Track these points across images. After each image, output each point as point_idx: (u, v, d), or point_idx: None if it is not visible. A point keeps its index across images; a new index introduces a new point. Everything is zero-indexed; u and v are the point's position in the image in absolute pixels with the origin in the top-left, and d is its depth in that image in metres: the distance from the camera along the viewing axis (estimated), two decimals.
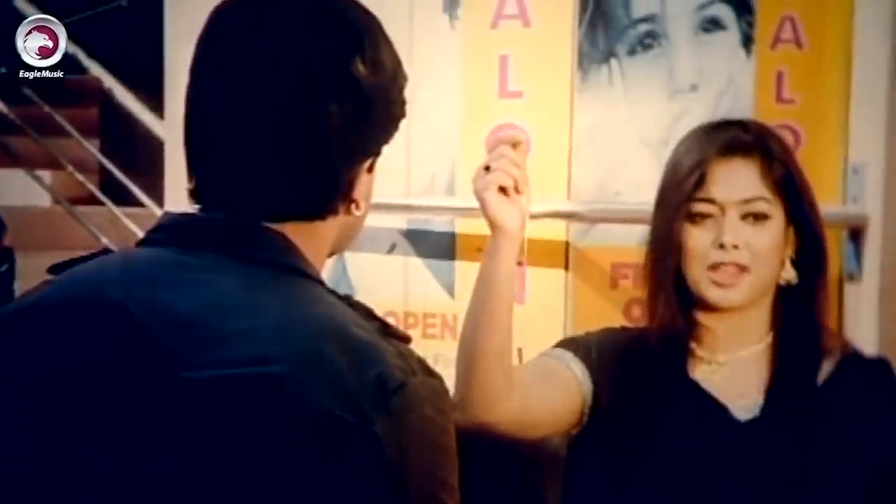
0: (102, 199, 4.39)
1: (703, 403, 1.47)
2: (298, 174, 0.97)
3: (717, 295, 1.44)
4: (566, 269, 1.86)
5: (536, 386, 1.45)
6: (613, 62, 1.85)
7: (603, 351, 1.52)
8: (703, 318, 1.49)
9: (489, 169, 1.37)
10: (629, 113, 1.84)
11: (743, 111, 1.78)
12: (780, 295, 1.49)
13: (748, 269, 1.44)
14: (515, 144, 1.39)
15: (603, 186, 1.86)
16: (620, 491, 1.48)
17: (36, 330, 0.95)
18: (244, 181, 0.97)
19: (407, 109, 1.04)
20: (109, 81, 4.49)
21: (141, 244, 1.01)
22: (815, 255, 1.49)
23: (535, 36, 1.86)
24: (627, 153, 1.85)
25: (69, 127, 4.48)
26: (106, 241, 3.98)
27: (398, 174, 1.87)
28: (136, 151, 4.35)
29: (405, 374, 0.91)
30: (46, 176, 4.60)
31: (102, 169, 4.62)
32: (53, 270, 1.01)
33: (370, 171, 1.02)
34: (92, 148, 4.60)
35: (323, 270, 1.02)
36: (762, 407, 1.46)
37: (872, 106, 1.76)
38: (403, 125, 1.05)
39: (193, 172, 1.00)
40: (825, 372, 1.48)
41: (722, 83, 1.82)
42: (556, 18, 1.85)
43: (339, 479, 0.87)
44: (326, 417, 0.87)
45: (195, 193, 1.01)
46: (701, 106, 1.81)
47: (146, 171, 3.88)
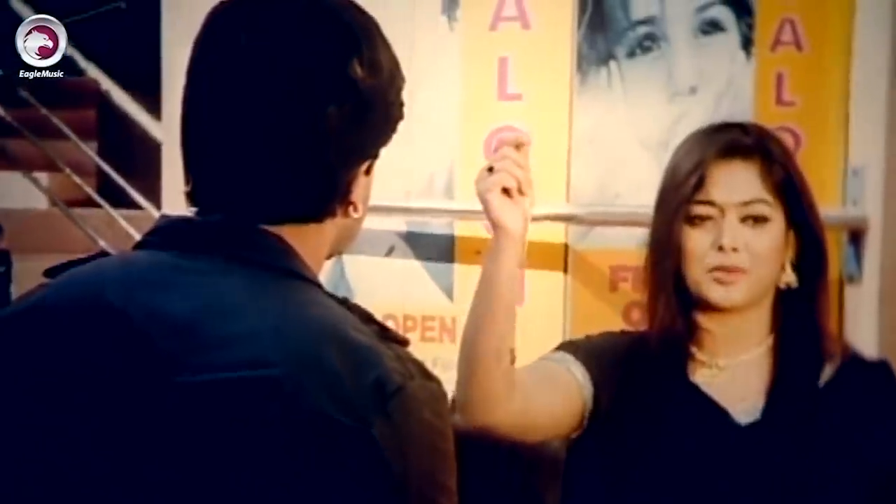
0: (100, 201, 4.39)
1: (703, 407, 1.47)
2: (296, 176, 0.96)
3: (717, 294, 1.44)
4: (565, 271, 1.86)
5: (537, 389, 1.45)
6: (613, 64, 1.84)
7: (603, 354, 1.51)
8: (703, 320, 1.49)
9: (492, 170, 1.37)
10: (628, 115, 1.84)
11: (743, 113, 1.78)
12: (780, 298, 1.49)
13: (747, 271, 1.44)
14: (519, 146, 1.38)
15: (602, 189, 1.85)
16: (620, 494, 1.47)
17: (34, 332, 0.95)
18: (241, 184, 0.97)
19: (405, 111, 1.03)
20: (107, 83, 4.49)
21: (138, 247, 1.01)
22: (815, 258, 1.48)
23: (534, 38, 1.86)
24: (627, 155, 1.84)
25: (66, 129, 4.47)
26: (103, 243, 3.97)
27: (397, 176, 1.86)
28: (133, 154, 4.35)
29: (403, 377, 0.91)
30: (43, 178, 4.60)
31: (100, 171, 4.61)
32: (50, 273, 1.00)
33: (368, 173, 1.02)
34: (89, 150, 4.60)
35: (321, 273, 1.02)
36: (763, 410, 1.46)
37: (872, 108, 1.76)
38: (402, 127, 1.04)
39: (190, 175, 1.00)
40: (826, 375, 1.48)
41: (721, 85, 1.82)
42: (555, 20, 1.85)
43: (336, 482, 0.87)
44: (324, 421, 0.87)
45: (192, 196, 1.00)
46: (700, 108, 1.81)
47: (143, 173, 3.88)
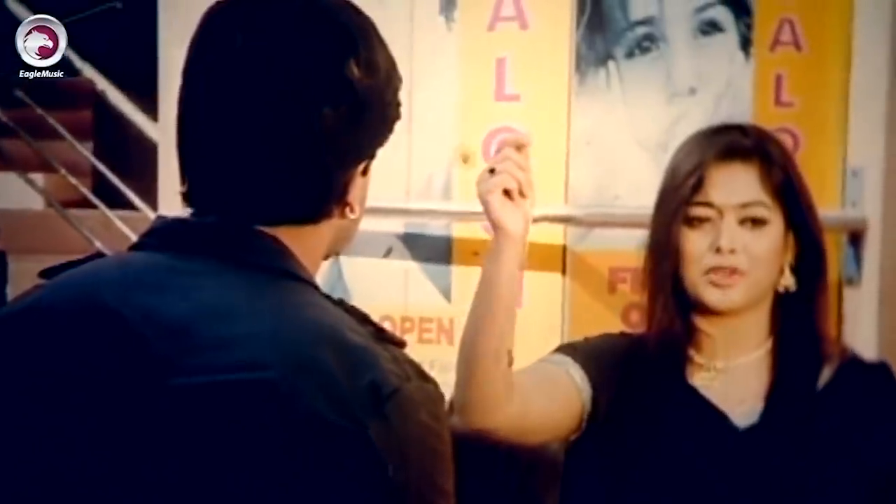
0: (96, 202, 4.37)
1: (701, 410, 1.47)
2: (292, 177, 0.96)
3: (714, 297, 1.44)
4: (563, 273, 1.86)
5: (535, 391, 1.44)
6: (611, 65, 1.84)
7: (602, 356, 1.51)
8: (701, 323, 1.48)
9: (493, 171, 1.36)
10: (627, 116, 1.84)
11: (742, 114, 1.77)
12: (778, 301, 1.49)
13: (745, 273, 1.43)
14: (520, 147, 1.38)
15: (601, 190, 1.85)
16: (619, 497, 1.47)
17: (30, 334, 0.94)
18: (237, 185, 0.97)
19: (403, 112, 1.03)
20: (103, 84, 4.48)
21: (134, 248, 1.01)
22: (814, 261, 1.48)
23: (532, 38, 1.85)
24: (625, 157, 1.84)
25: (62, 130, 4.46)
26: (99, 244, 3.96)
27: (394, 178, 1.86)
28: (129, 154, 4.34)
29: (400, 379, 0.91)
30: (39, 179, 4.59)
31: (95, 172, 4.60)
32: (46, 275, 1.00)
33: (365, 173, 1.02)
34: (85, 151, 4.59)
35: (318, 274, 1.02)
36: (761, 414, 1.45)
37: (872, 108, 1.76)
38: (400, 128, 1.04)
39: (186, 176, 1.00)
40: (824, 378, 1.48)
41: (720, 86, 1.81)
42: (553, 21, 1.84)
43: (333, 485, 0.87)
44: (320, 423, 0.87)
45: (188, 197, 1.00)
46: (699, 109, 1.81)
47: (140, 174, 3.87)
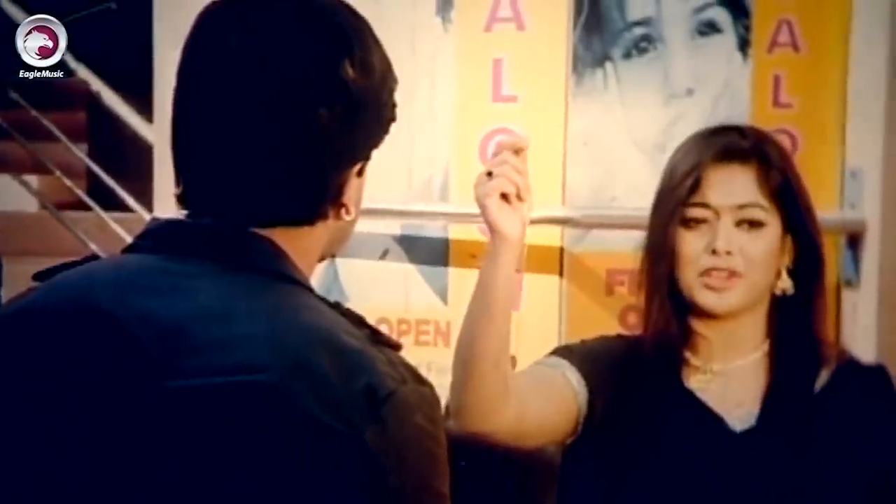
0: (90, 204, 4.36)
1: (698, 413, 1.46)
2: (287, 179, 0.96)
3: (709, 300, 1.43)
4: (561, 275, 1.85)
5: (532, 395, 1.44)
6: (608, 66, 1.83)
7: (599, 359, 1.51)
8: (697, 325, 1.48)
9: (491, 175, 1.36)
10: (624, 117, 1.83)
11: (740, 115, 1.77)
12: (775, 304, 1.48)
13: (741, 275, 1.43)
14: (518, 150, 1.37)
15: (598, 191, 1.84)
16: (615, 500, 1.47)
17: (23, 335, 0.94)
18: (232, 186, 0.96)
19: (399, 113, 1.03)
20: (97, 85, 4.46)
21: (128, 250, 1.00)
22: (812, 264, 1.48)
23: (529, 39, 1.84)
24: (623, 158, 1.83)
25: (56, 131, 4.45)
26: (94, 246, 3.94)
27: (391, 179, 1.85)
28: (124, 156, 4.32)
29: (395, 382, 0.91)
30: (33, 181, 4.57)
31: (90, 173, 4.59)
32: (39, 277, 1.00)
33: (360, 175, 1.02)
34: (80, 152, 4.57)
35: (314, 276, 1.02)
36: (758, 417, 1.45)
37: (870, 109, 1.76)
38: (397, 129, 1.04)
39: (181, 177, 1.00)
40: (822, 380, 1.48)
41: (718, 87, 1.81)
42: (550, 21, 1.84)
43: (328, 488, 0.87)
44: (316, 426, 0.87)
45: (182, 198, 1.00)
46: (697, 110, 1.80)
47: (135, 175, 3.86)
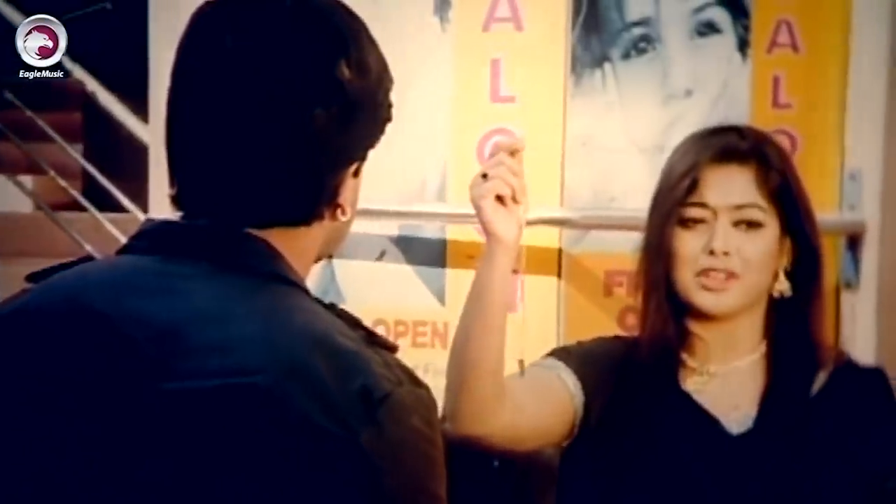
0: (85, 204, 4.34)
1: (694, 416, 1.46)
2: (282, 179, 0.96)
3: (706, 301, 1.43)
4: (559, 276, 1.85)
5: (527, 398, 1.44)
6: (607, 66, 1.83)
7: (595, 361, 1.51)
8: (694, 327, 1.48)
9: (486, 177, 1.36)
10: (623, 118, 1.83)
11: (739, 116, 1.76)
12: (773, 305, 1.48)
13: (738, 276, 1.43)
14: (514, 152, 1.38)
15: (596, 192, 1.84)
16: (613, 503, 1.45)
17: (16, 337, 0.94)
18: (227, 187, 0.96)
19: (393, 113, 1.03)
20: (93, 85, 4.44)
21: (122, 251, 1.00)
22: (810, 266, 1.48)
23: (527, 39, 1.84)
24: (621, 159, 1.83)
25: (51, 131, 4.43)
26: (89, 247, 3.92)
27: (388, 180, 1.84)
28: (119, 156, 4.30)
29: (391, 384, 0.91)
30: (28, 181, 4.56)
31: (85, 174, 4.57)
32: (33, 279, 1.00)
33: (356, 175, 1.02)
34: (75, 153, 4.56)
35: (311, 277, 1.02)
36: (755, 419, 1.45)
37: (870, 110, 1.75)
38: (394, 130, 1.04)
39: (175, 178, 1.00)
40: (819, 382, 1.48)
41: (717, 88, 1.81)
42: (548, 21, 1.83)
43: (324, 491, 0.87)
44: (311, 428, 0.87)
45: (177, 199, 1.00)
46: (696, 111, 1.80)
47: (130, 176, 3.84)
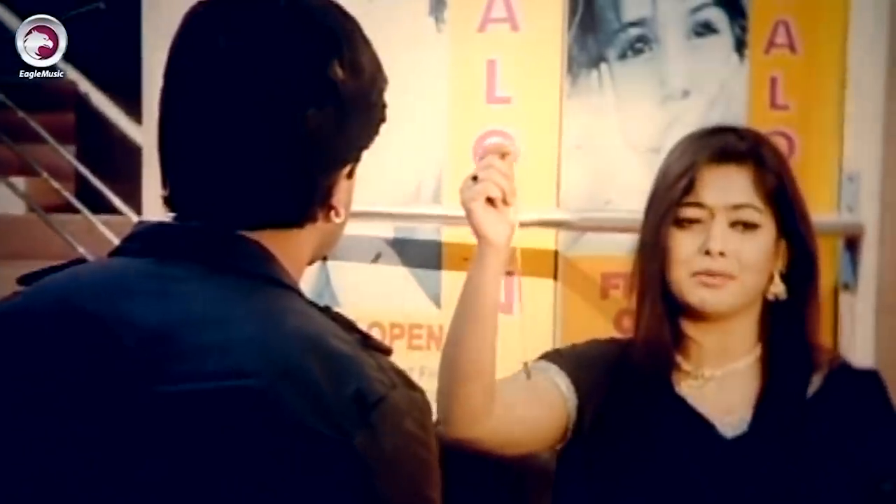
0: (78, 206, 4.34)
1: (688, 420, 1.46)
2: (275, 181, 0.95)
3: (703, 295, 1.42)
4: (555, 278, 1.84)
5: (520, 401, 1.43)
6: (603, 67, 1.82)
7: (589, 364, 1.50)
8: (689, 329, 1.47)
9: (477, 179, 1.36)
10: (620, 119, 1.82)
11: (736, 117, 1.76)
12: (768, 308, 1.47)
13: (734, 277, 1.42)
14: (504, 154, 1.38)
15: (593, 194, 1.83)
16: None
17: (11, 338, 0.94)
18: (219, 189, 0.96)
19: (388, 114, 1.03)
20: (85, 86, 4.44)
21: (114, 253, 1.00)
22: (805, 269, 1.48)
23: (523, 40, 1.83)
24: (618, 160, 1.82)
25: (44, 133, 4.43)
26: (82, 249, 3.92)
27: (383, 181, 1.84)
28: (113, 158, 4.31)
29: (385, 387, 0.90)
30: (21, 183, 4.55)
31: (78, 176, 4.57)
32: (25, 281, 1.00)
33: (350, 176, 1.01)
34: (67, 154, 4.55)
35: (306, 280, 1.02)
36: (750, 423, 1.45)
37: (868, 112, 1.75)
38: (389, 131, 1.03)
39: (168, 179, 0.99)
40: (814, 385, 1.48)
41: (714, 88, 1.80)
42: (544, 22, 1.82)
43: (318, 494, 0.87)
44: (305, 432, 0.86)
45: (170, 201, 0.99)
46: (693, 112, 1.79)
47: (123, 177, 3.84)
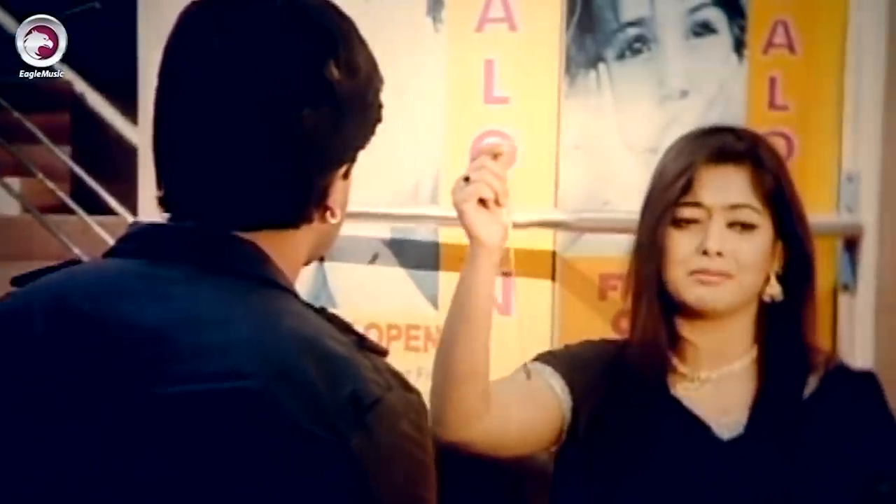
0: (74, 207, 4.33)
1: (684, 422, 1.46)
2: (271, 181, 0.95)
3: (697, 296, 1.42)
4: (553, 279, 1.84)
5: (514, 403, 1.43)
6: (602, 67, 1.81)
7: (584, 365, 1.50)
8: (685, 330, 1.47)
9: (469, 180, 1.36)
10: (618, 119, 1.82)
11: (735, 117, 1.76)
12: (764, 309, 1.47)
13: (732, 276, 1.42)
14: (496, 155, 1.38)
15: (591, 195, 1.83)
16: None
17: (4, 339, 0.94)
18: (215, 189, 0.96)
19: (386, 114, 1.02)
20: (81, 86, 4.43)
21: (109, 254, 0.99)
22: (802, 270, 1.47)
23: (521, 40, 1.83)
24: (616, 161, 1.82)
25: (39, 133, 4.41)
26: (77, 250, 3.91)
27: (381, 182, 1.84)
28: (108, 158, 4.29)
29: (381, 388, 0.90)
30: (15, 183, 4.53)
31: (74, 176, 4.56)
32: (19, 282, 0.99)
33: (346, 177, 1.01)
34: (63, 155, 4.54)
35: (302, 280, 1.01)
36: (746, 425, 1.44)
37: (867, 112, 1.75)
38: (386, 131, 1.03)
39: (163, 180, 0.99)
40: (810, 387, 1.47)
41: (713, 89, 1.80)
42: (543, 22, 1.82)
43: (314, 496, 0.87)
44: (301, 434, 0.86)
45: (165, 202, 0.99)
46: (692, 112, 1.79)
47: (119, 178, 3.83)
